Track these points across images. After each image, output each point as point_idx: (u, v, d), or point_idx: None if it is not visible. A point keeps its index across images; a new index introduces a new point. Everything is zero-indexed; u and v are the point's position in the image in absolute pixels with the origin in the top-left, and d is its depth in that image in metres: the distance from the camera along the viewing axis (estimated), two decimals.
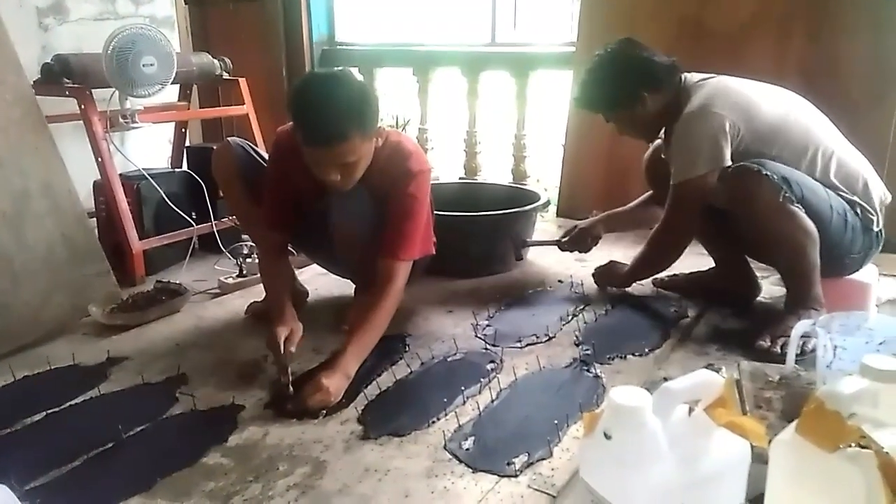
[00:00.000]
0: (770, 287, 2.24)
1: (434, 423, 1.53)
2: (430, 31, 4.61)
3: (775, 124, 1.88)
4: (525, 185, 3.28)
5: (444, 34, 4.69)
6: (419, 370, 1.79)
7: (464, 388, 1.66)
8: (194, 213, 2.69)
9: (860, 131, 2.11)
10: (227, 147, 2.05)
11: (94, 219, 2.63)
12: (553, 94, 3.90)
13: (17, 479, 1.31)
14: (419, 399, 1.65)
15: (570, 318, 2.11)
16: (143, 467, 1.39)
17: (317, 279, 2.43)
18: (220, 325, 2.16)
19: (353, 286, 2.19)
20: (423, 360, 1.83)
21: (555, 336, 1.98)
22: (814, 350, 1.56)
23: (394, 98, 4.40)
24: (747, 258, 2.19)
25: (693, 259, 2.29)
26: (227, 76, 3.09)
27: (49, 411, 1.62)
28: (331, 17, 3.91)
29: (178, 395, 1.69)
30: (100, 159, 2.51)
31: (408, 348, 1.92)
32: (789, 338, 1.57)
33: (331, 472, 1.37)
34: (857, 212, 1.87)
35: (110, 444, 1.48)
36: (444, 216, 2.26)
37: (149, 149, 3.26)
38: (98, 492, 1.34)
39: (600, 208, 2.50)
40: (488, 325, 2.07)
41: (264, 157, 2.08)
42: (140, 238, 2.55)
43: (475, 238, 2.50)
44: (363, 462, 1.40)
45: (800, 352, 1.61)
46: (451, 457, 1.41)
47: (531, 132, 3.56)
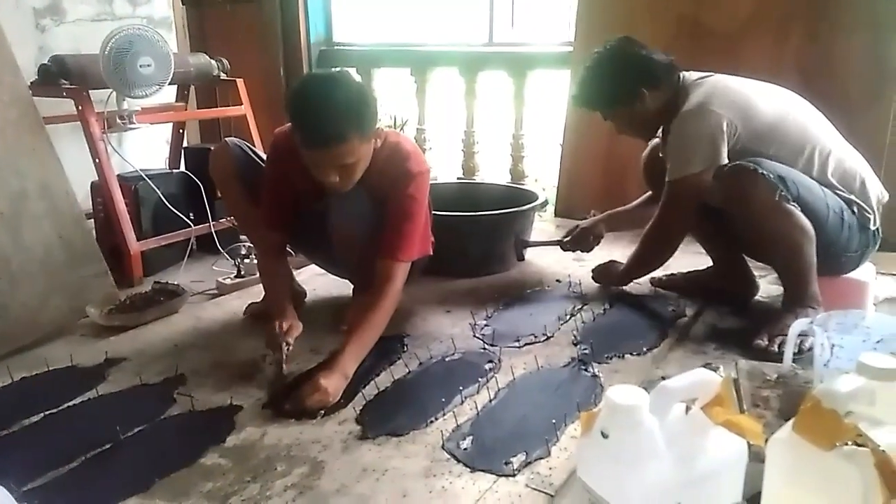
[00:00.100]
0: (767, 286, 2.24)
1: (432, 422, 1.54)
2: (428, 31, 4.62)
3: (773, 123, 1.88)
4: (523, 184, 3.28)
5: (442, 34, 4.70)
6: (417, 370, 1.79)
7: (462, 387, 1.67)
8: (192, 214, 2.68)
9: (858, 130, 2.11)
10: (224, 147, 2.05)
11: (92, 220, 2.64)
12: (551, 93, 3.91)
13: (16, 480, 1.30)
14: (417, 399, 1.65)
15: (568, 317, 2.11)
16: (142, 468, 1.39)
17: (315, 279, 2.44)
18: (218, 325, 2.16)
19: (351, 286, 2.19)
20: (422, 360, 1.83)
21: (553, 336, 1.98)
22: (811, 348, 1.56)
23: (391, 98, 4.40)
24: (745, 257, 2.19)
25: (691, 258, 2.30)
26: (224, 77, 3.08)
27: (47, 412, 1.62)
28: (328, 18, 3.91)
29: (176, 395, 1.69)
30: (97, 160, 2.51)
31: (406, 348, 1.92)
32: (787, 336, 1.58)
33: (329, 472, 1.37)
34: (854, 210, 1.87)
35: (108, 445, 1.47)
36: (443, 216, 2.27)
37: (146, 150, 3.27)
38: (96, 493, 1.34)
39: (598, 208, 2.50)
40: (486, 325, 2.07)
41: (262, 157, 2.08)
42: (138, 239, 2.55)
43: (473, 238, 2.50)
44: (361, 462, 1.41)
45: (797, 350, 1.61)
46: (449, 456, 1.41)
47: (529, 132, 3.56)
